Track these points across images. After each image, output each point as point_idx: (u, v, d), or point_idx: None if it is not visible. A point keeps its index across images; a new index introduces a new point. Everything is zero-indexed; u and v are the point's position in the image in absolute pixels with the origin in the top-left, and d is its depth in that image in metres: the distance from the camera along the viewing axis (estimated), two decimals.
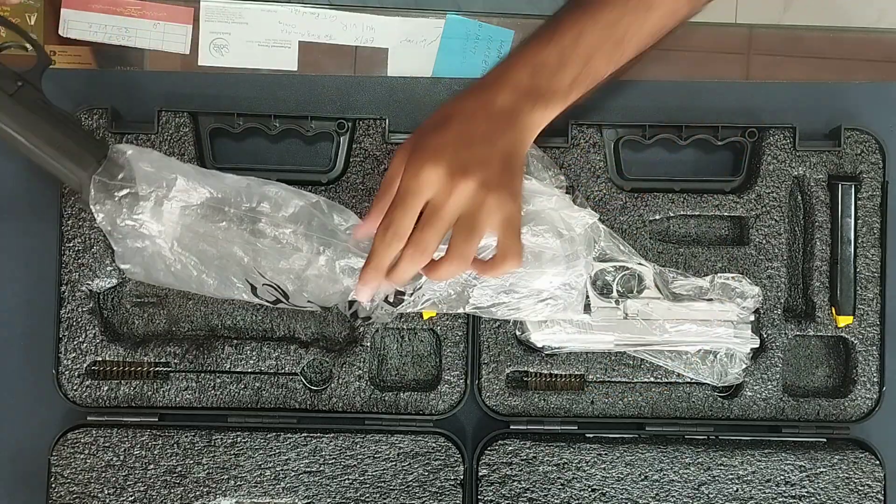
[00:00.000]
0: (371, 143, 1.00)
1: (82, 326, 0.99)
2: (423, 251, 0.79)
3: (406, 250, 0.79)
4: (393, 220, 0.79)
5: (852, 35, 1.09)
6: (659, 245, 1.01)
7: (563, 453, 1.00)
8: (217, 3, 1.04)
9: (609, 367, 1.01)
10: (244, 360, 0.99)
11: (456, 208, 0.78)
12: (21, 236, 1.02)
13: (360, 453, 0.99)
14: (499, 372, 1.01)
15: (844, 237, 1.01)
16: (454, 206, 0.78)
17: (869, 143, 1.02)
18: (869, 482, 1.00)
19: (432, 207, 0.78)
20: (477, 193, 0.78)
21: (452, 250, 0.79)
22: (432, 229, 0.78)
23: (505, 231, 0.80)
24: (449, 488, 0.99)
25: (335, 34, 1.05)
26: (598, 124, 1.01)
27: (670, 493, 1.00)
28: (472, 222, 0.78)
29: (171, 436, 0.99)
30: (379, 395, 1.01)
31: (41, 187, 1.01)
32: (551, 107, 0.84)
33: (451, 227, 0.79)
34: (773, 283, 1.01)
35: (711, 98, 1.05)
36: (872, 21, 1.10)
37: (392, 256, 0.80)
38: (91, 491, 0.98)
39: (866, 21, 1.09)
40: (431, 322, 1.00)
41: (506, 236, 0.80)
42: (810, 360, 1.04)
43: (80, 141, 0.88)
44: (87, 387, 0.99)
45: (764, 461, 1.00)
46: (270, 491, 0.99)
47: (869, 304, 1.01)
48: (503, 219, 0.80)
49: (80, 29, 1.03)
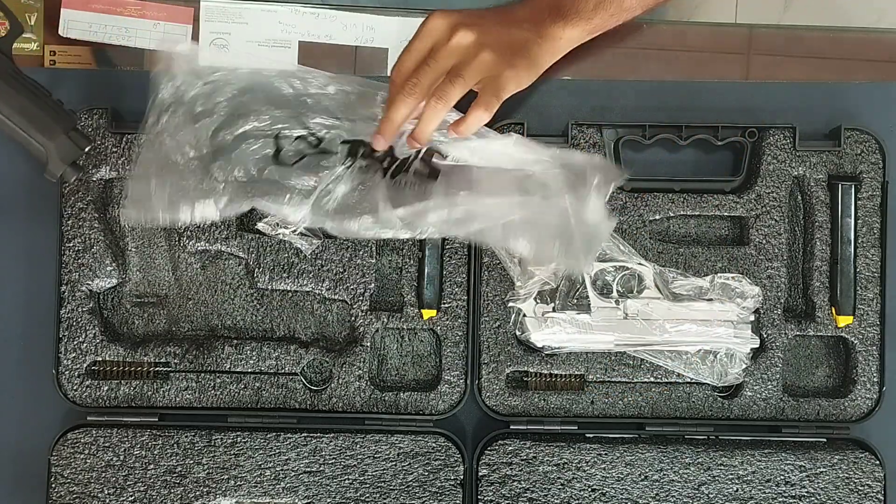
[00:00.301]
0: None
1: (82, 326, 0.99)
2: (413, 86, 0.87)
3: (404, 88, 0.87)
4: (399, 62, 0.89)
5: (852, 35, 1.09)
6: (659, 245, 1.01)
7: (563, 453, 1.00)
8: (217, 3, 1.04)
9: (609, 367, 1.01)
10: (244, 360, 1.00)
11: (448, 53, 0.87)
12: (21, 236, 1.02)
13: (360, 453, 0.99)
14: (499, 372, 1.01)
15: (844, 237, 1.01)
16: (447, 51, 0.87)
17: (869, 143, 1.02)
18: (869, 482, 1.00)
19: (431, 51, 0.88)
20: (472, 46, 0.87)
21: (437, 89, 0.87)
22: (424, 67, 0.87)
23: (486, 87, 0.87)
24: (449, 488, 0.99)
25: (335, 34, 1.05)
26: (598, 124, 1.01)
27: (670, 493, 1.00)
28: (459, 69, 0.86)
29: (171, 436, 0.99)
30: (379, 395, 1.01)
31: (41, 187, 1.01)
32: (571, 25, 0.91)
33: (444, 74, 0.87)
34: (773, 283, 1.01)
35: (711, 98, 1.05)
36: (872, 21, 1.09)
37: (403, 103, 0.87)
38: (91, 491, 0.98)
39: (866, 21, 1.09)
40: (431, 322, 1.01)
41: (485, 90, 0.87)
42: (810, 360, 1.04)
43: (49, 111, 0.88)
44: (87, 387, 0.99)
45: (764, 461, 1.00)
46: (270, 491, 0.99)
47: (869, 304, 1.01)
48: (489, 77, 0.87)
49: (80, 29, 1.03)
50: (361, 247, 1.00)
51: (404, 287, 1.01)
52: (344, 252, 1.00)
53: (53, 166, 0.88)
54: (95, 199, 1.00)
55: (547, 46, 0.91)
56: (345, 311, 1.02)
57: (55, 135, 0.88)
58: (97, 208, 1.00)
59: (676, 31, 1.07)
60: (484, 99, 0.87)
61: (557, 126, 1.01)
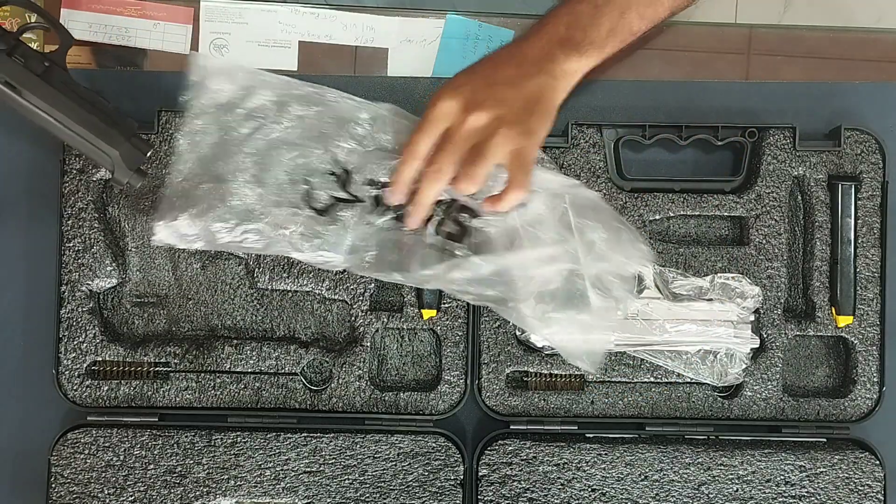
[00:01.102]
0: None
1: (82, 326, 0.99)
2: (437, 171, 0.86)
3: (425, 170, 0.87)
4: (412, 142, 0.87)
5: (852, 35, 1.09)
6: (659, 245, 1.01)
7: (563, 453, 1.00)
8: (217, 3, 1.04)
9: (609, 367, 1.01)
10: (244, 361, 1.00)
11: (466, 135, 0.85)
12: (21, 236, 1.02)
13: (360, 453, 0.99)
14: (499, 372, 1.01)
15: (844, 237, 1.01)
16: (465, 134, 0.85)
17: (869, 143, 1.02)
18: (869, 482, 1.00)
19: (447, 134, 0.86)
20: (489, 125, 0.85)
21: (461, 170, 0.86)
22: (443, 152, 0.85)
23: (513, 163, 0.86)
24: (449, 488, 0.99)
25: (335, 34, 1.05)
26: (598, 124, 1.01)
27: (670, 493, 1.00)
28: (480, 149, 0.85)
29: (171, 436, 0.99)
30: (379, 395, 1.01)
31: (41, 187, 1.01)
32: (586, 56, 0.90)
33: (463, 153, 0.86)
34: (773, 283, 1.01)
35: (711, 98, 1.05)
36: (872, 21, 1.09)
37: (410, 173, 0.87)
38: (91, 491, 0.98)
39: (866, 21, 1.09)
40: (431, 322, 1.01)
41: (514, 168, 0.86)
42: (810, 360, 1.04)
43: (110, 119, 0.88)
44: (87, 387, 0.99)
45: (764, 461, 1.00)
46: (270, 491, 0.99)
47: (869, 304, 1.01)
48: (513, 151, 0.86)
49: (80, 29, 1.03)
50: None
51: (404, 287, 1.01)
52: None
53: (120, 174, 0.89)
54: (95, 199, 1.00)
55: (563, 85, 0.90)
56: (345, 311, 1.02)
57: (119, 142, 0.88)
58: (97, 208, 1.00)
59: (676, 31, 1.07)
60: (517, 179, 0.86)
61: (557, 126, 1.01)
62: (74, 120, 0.87)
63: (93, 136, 0.88)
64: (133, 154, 0.89)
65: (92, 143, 0.88)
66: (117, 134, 0.88)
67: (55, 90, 0.87)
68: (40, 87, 0.87)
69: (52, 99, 0.87)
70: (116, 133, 0.88)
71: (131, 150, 0.89)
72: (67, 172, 0.99)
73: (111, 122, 0.88)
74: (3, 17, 1.03)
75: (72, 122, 0.87)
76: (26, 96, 0.86)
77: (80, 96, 0.88)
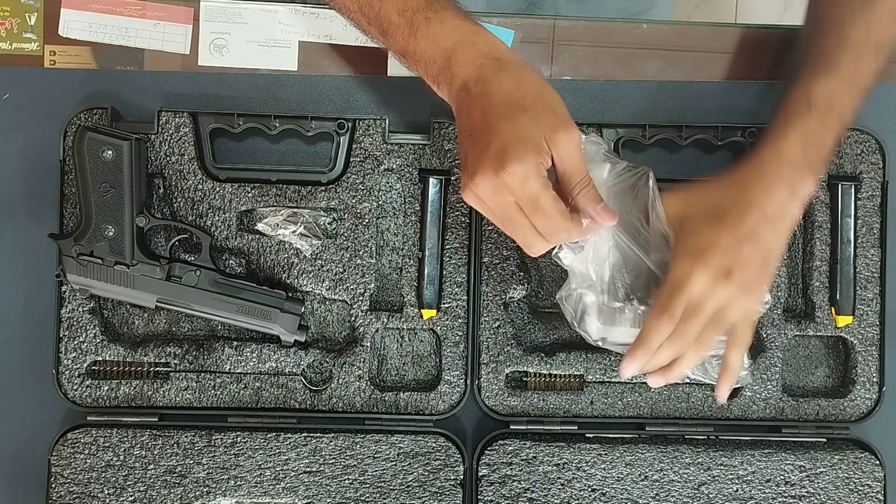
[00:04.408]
0: (371, 143, 1.00)
1: (82, 326, 0.99)
2: (684, 338, 0.87)
3: (671, 338, 0.87)
4: (665, 306, 0.86)
5: None
6: None
7: (563, 453, 1.00)
8: (217, 3, 1.04)
9: (609, 367, 1.01)
10: (244, 361, 0.99)
11: (713, 306, 0.86)
12: (21, 236, 1.02)
13: (360, 453, 0.99)
14: (498, 372, 1.01)
15: (844, 237, 1.01)
16: (712, 305, 0.86)
17: (869, 143, 1.02)
18: (869, 482, 1.00)
19: (694, 303, 0.86)
20: (732, 295, 0.86)
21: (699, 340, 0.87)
22: (692, 322, 0.86)
23: (741, 323, 0.88)
24: (449, 488, 0.99)
25: (335, 34, 1.05)
26: (598, 124, 1.01)
27: (670, 493, 1.00)
28: (719, 316, 0.87)
29: (171, 436, 0.99)
30: (379, 395, 1.01)
31: (41, 187, 1.01)
32: (816, 174, 0.89)
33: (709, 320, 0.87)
34: (773, 283, 1.01)
35: (711, 98, 1.05)
36: None
37: (659, 337, 0.87)
38: (91, 491, 0.98)
39: None
40: (431, 322, 1.01)
41: (741, 327, 0.89)
42: (810, 360, 1.05)
43: (260, 299, 0.97)
44: (87, 387, 0.99)
45: (764, 461, 1.00)
46: (270, 491, 0.99)
47: (869, 304, 1.01)
48: (744, 313, 0.88)
49: (80, 29, 1.03)
50: (361, 247, 1.00)
51: (404, 287, 1.01)
52: (344, 252, 1.00)
53: (286, 339, 0.98)
54: None
55: (789, 233, 0.89)
56: (345, 312, 1.02)
57: (275, 317, 0.97)
58: None
59: (676, 31, 1.07)
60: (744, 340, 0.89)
61: None
62: (233, 313, 0.97)
63: (252, 321, 0.97)
64: (290, 319, 0.98)
65: (254, 325, 0.98)
66: (270, 309, 0.97)
67: (212, 294, 0.97)
68: (199, 297, 0.97)
69: (210, 303, 0.97)
70: (269, 309, 0.97)
71: (287, 317, 0.98)
72: (67, 173, 0.99)
73: (263, 300, 0.97)
74: (3, 17, 1.03)
75: (231, 315, 0.97)
76: (191, 307, 0.97)
77: (234, 286, 0.97)
